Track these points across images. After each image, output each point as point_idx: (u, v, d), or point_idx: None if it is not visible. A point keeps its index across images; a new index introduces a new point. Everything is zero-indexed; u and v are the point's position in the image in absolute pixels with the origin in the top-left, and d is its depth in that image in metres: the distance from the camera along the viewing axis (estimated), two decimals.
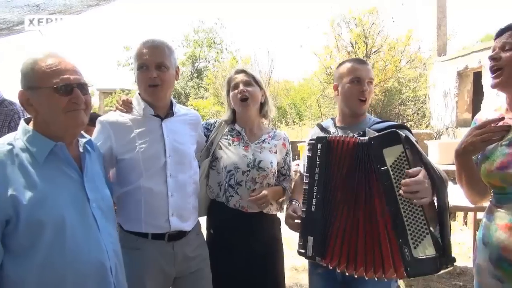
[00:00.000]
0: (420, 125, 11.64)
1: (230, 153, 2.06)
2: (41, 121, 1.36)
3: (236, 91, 2.08)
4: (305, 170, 1.77)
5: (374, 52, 12.65)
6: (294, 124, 18.60)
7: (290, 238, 4.77)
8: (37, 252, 1.24)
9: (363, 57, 12.14)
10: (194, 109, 16.65)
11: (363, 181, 1.59)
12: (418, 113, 13.16)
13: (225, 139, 2.12)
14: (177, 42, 24.79)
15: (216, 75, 17.25)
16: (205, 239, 2.11)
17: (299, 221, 1.75)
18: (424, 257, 1.39)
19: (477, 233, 1.72)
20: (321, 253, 1.62)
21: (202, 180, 2.06)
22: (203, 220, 2.14)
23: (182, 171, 1.84)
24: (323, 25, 13.37)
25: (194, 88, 21.05)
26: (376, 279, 1.52)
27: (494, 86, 1.58)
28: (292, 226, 1.83)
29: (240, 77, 2.10)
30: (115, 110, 1.88)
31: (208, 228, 2.15)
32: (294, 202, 1.93)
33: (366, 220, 1.57)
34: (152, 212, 1.76)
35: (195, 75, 23.04)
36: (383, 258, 1.50)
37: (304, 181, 1.75)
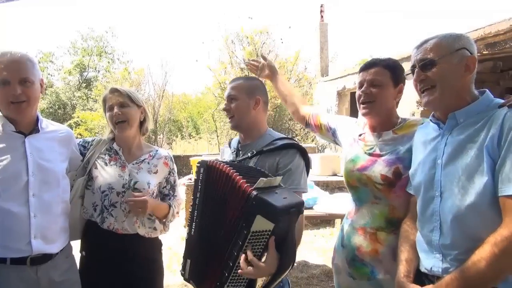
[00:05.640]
0: (307, 139, 12.55)
1: (105, 173, 1.97)
2: None
3: (111, 113, 1.99)
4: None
5: None
6: (190, 138, 18.50)
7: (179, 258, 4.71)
8: None
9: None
10: (82, 121, 15.56)
11: (228, 219, 1.50)
12: (305, 129, 14.15)
13: (102, 158, 2.03)
14: (63, 49, 23.06)
15: (106, 86, 16.35)
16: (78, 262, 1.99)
17: None
18: None
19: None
20: (196, 279, 1.61)
21: (76, 199, 1.96)
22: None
23: (48, 190, 1.73)
24: (218, 41, 13.62)
25: (82, 99, 19.65)
26: None
27: (364, 114, 1.78)
28: None
29: (114, 98, 2.00)
30: None
31: (80, 250, 2.01)
32: None
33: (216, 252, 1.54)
34: (11, 235, 1.62)
35: (84, 85, 21.55)
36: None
37: (191, 204, 1.70)
